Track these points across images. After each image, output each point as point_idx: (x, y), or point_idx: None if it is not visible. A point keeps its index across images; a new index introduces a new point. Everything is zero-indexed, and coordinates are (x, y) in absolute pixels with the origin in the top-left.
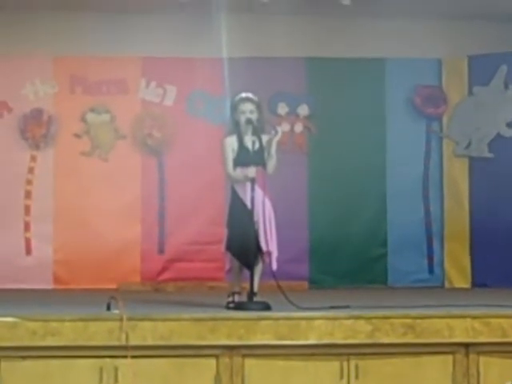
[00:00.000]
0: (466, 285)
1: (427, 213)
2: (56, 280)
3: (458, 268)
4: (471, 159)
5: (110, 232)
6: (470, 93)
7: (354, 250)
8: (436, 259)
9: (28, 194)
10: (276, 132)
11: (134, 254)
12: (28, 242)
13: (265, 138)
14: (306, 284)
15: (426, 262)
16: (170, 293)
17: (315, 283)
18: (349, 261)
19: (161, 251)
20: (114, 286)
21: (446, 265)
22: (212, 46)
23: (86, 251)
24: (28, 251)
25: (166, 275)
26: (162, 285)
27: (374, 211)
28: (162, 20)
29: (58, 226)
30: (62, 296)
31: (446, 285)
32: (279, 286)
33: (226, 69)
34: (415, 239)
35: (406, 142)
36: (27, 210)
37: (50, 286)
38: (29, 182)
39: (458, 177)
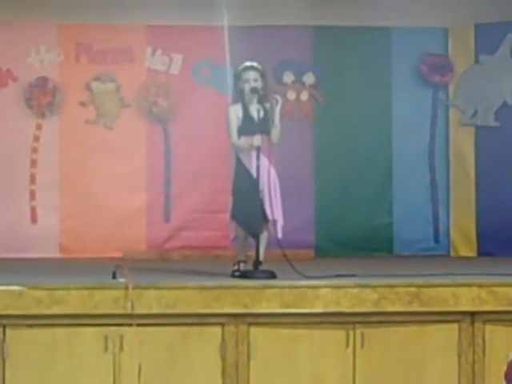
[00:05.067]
0: (472, 253)
1: (433, 181)
2: (62, 249)
3: (463, 237)
4: (477, 128)
5: (115, 201)
6: (477, 61)
7: (359, 219)
8: (442, 228)
9: (33, 163)
10: (276, 101)
11: (140, 223)
12: (33, 210)
13: (268, 106)
14: (311, 252)
15: (431, 230)
16: (175, 261)
17: (321, 252)
18: (354, 229)
19: (166, 220)
20: (119, 255)
21: (452, 233)
22: (218, 14)
23: (92, 220)
24: (33, 220)
25: (171, 244)
26: (168, 253)
27: (379, 180)
28: None
29: (63, 195)
30: (67, 265)
31: (452, 253)
32: (285, 255)
33: (231, 37)
34: (421, 208)
35: (411, 111)
36: (32, 178)
37: (56, 255)
38: (34, 151)
39: (463, 145)
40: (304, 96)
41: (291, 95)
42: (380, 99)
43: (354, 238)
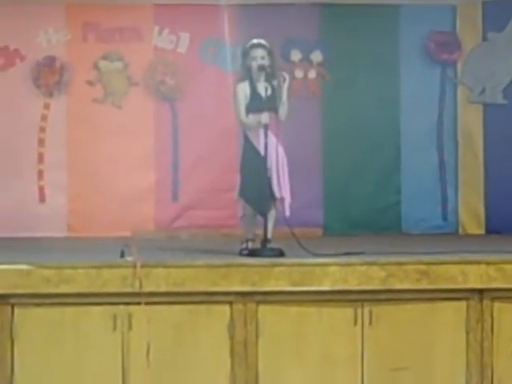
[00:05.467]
0: (480, 231)
1: (441, 160)
2: (70, 228)
3: (471, 215)
4: (485, 106)
5: (123, 180)
6: (485, 39)
7: (367, 197)
8: (450, 206)
9: (41, 142)
10: (284, 78)
11: (148, 202)
12: (42, 190)
13: (275, 84)
14: (319, 231)
15: (439, 209)
16: (183, 240)
17: (329, 230)
18: (363, 208)
19: (175, 199)
20: (127, 235)
21: (460, 212)
22: None
23: (100, 199)
24: (42, 199)
25: (179, 223)
26: (176, 232)
27: (387, 158)
28: None
29: (71, 174)
30: (75, 244)
31: (460, 231)
32: (293, 233)
33: (238, 16)
34: (429, 186)
35: (419, 89)
36: (41, 157)
37: (64, 235)
38: (42, 130)
39: (472, 123)
40: (311, 74)
41: (299, 73)
42: (388, 77)
43: (362, 216)
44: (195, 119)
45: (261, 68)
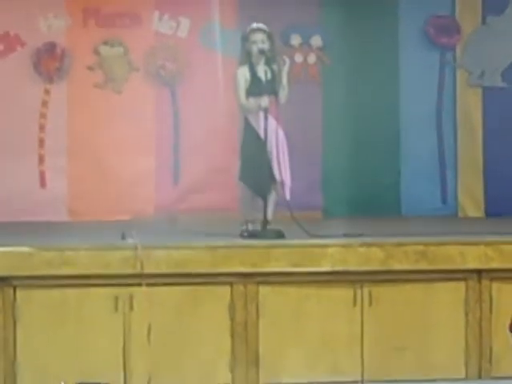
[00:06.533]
0: (479, 214)
1: (440, 143)
2: (71, 212)
3: (471, 197)
4: (484, 89)
5: (124, 164)
6: (484, 22)
7: (367, 180)
8: (449, 189)
9: (42, 128)
10: (284, 62)
11: (149, 186)
12: (42, 175)
13: (275, 67)
14: (319, 214)
15: (439, 191)
16: (183, 223)
17: (329, 213)
18: (362, 191)
19: (175, 182)
20: (128, 218)
21: (460, 194)
22: None
23: (101, 183)
24: (43, 184)
25: (180, 205)
26: (176, 215)
27: (387, 141)
28: None
29: (72, 159)
30: (76, 227)
31: (460, 214)
32: (292, 216)
33: (239, 0)
34: (428, 169)
35: (419, 73)
36: (41, 143)
37: (65, 219)
38: (43, 116)
39: (471, 107)
40: (311, 59)
41: (298, 58)
42: (387, 61)
43: (362, 199)
44: (195, 104)
45: (261, 52)
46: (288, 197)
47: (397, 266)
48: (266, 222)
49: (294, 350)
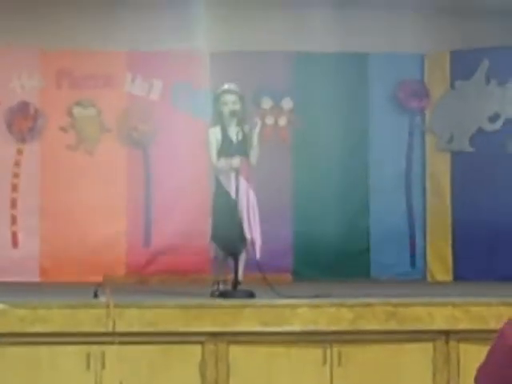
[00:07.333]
0: (448, 278)
1: (409, 207)
2: (42, 273)
3: (439, 261)
4: (453, 153)
5: (95, 225)
6: (452, 87)
7: (337, 244)
8: (418, 253)
9: (15, 188)
10: (255, 123)
11: (120, 248)
12: (14, 235)
13: (246, 129)
14: (289, 276)
15: (408, 255)
16: (155, 283)
17: (299, 276)
18: (332, 254)
19: (146, 244)
20: (99, 280)
21: (428, 258)
22: (197, 40)
23: (72, 244)
24: (15, 244)
25: (151, 268)
26: (147, 278)
27: (356, 205)
28: (148, 14)
29: (44, 220)
30: (48, 287)
31: (428, 278)
32: (263, 276)
33: (210, 62)
34: (397, 233)
35: (388, 137)
36: (14, 203)
37: (36, 279)
38: (15, 176)
39: (439, 171)
40: (282, 121)
41: (269, 120)
42: (357, 124)
43: (331, 262)
44: (168, 165)
45: (232, 113)
46: (258, 255)
47: (366, 327)
48: (236, 282)
49: None
